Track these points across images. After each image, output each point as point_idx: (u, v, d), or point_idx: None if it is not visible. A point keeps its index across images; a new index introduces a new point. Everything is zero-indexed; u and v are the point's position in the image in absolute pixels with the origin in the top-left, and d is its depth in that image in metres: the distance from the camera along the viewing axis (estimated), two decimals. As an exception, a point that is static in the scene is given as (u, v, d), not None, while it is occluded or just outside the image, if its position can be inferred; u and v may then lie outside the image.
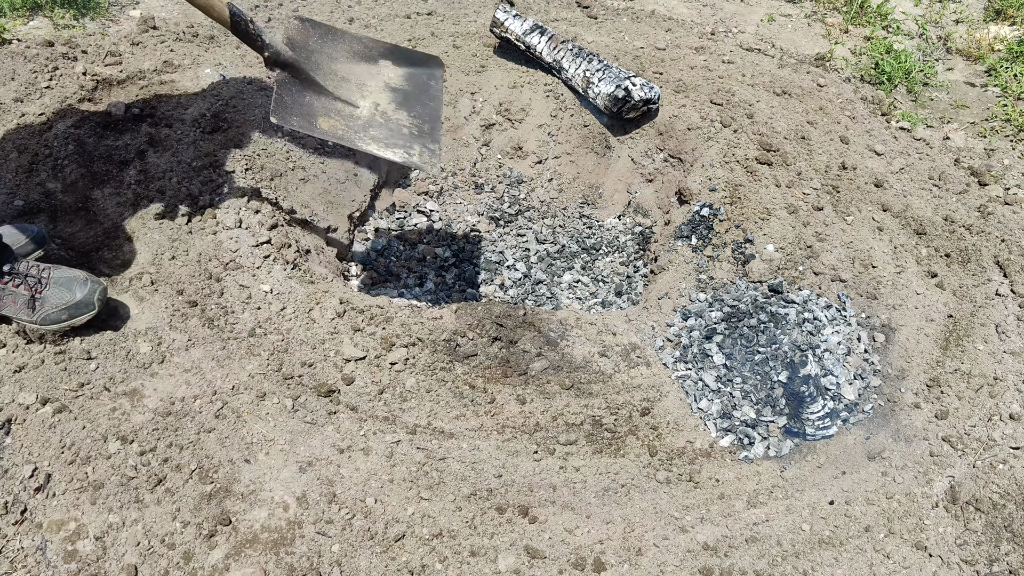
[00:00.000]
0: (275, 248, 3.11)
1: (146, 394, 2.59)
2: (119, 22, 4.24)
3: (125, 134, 3.41)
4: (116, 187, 3.21)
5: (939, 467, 2.73)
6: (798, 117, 4.09)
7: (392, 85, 3.00)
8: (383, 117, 2.91)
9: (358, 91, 2.89)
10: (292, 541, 2.30)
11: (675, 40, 4.69)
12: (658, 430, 2.78)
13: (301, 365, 2.76)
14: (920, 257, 3.43)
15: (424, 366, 2.82)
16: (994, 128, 4.26)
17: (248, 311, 2.88)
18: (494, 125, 4.32)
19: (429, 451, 2.59)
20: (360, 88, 2.90)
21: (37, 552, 2.18)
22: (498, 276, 3.89)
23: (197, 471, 2.42)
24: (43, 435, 2.42)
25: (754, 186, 3.63)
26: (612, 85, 3.91)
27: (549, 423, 2.74)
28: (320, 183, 3.69)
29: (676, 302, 3.25)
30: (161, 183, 3.24)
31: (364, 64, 2.98)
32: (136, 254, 2.99)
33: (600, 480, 2.61)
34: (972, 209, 3.66)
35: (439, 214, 4.16)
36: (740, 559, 2.43)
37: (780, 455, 2.78)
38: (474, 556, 2.34)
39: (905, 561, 2.46)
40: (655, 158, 4.10)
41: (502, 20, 4.30)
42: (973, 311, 3.22)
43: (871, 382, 2.98)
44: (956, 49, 4.95)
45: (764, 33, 4.98)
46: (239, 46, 4.15)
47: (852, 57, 4.83)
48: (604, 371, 2.92)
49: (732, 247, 3.40)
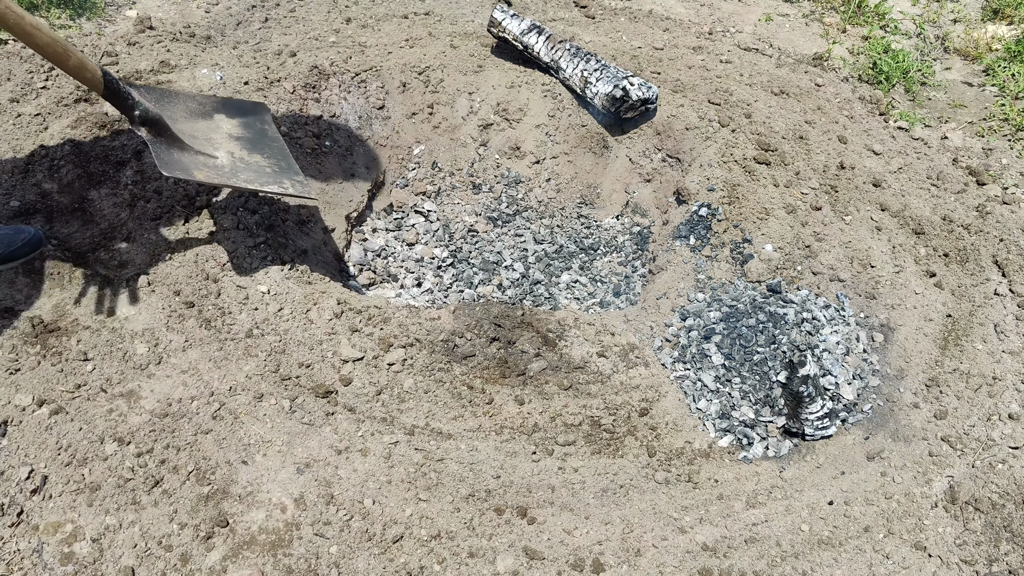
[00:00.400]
0: (272, 248, 3.10)
1: (143, 395, 2.58)
2: (115, 22, 4.22)
3: (121, 134, 3.40)
4: (112, 187, 3.20)
5: (938, 467, 2.72)
6: (796, 117, 4.09)
7: (234, 135, 3.11)
8: (243, 162, 3.01)
9: (209, 145, 2.99)
10: (290, 543, 2.29)
11: (673, 40, 4.69)
12: (657, 430, 2.78)
13: (299, 366, 2.75)
14: (919, 257, 3.42)
15: (422, 367, 2.82)
16: (992, 127, 4.26)
17: (245, 312, 2.87)
18: (492, 125, 4.31)
19: (427, 452, 2.58)
20: (209, 142, 3.00)
21: (34, 554, 2.17)
22: (496, 276, 3.88)
23: (194, 473, 2.41)
24: (39, 437, 2.41)
25: (752, 186, 3.62)
26: (610, 85, 3.90)
27: (547, 424, 2.74)
28: (317, 183, 3.68)
29: (674, 302, 3.24)
30: (158, 183, 3.22)
31: (203, 121, 3.09)
32: (133, 255, 2.98)
33: (599, 481, 2.60)
34: (970, 208, 3.66)
35: (437, 214, 4.15)
36: (739, 560, 2.42)
37: (779, 455, 2.77)
38: (473, 557, 2.33)
39: (904, 561, 2.46)
40: (653, 158, 4.09)
41: (500, 20, 4.29)
42: (972, 311, 3.21)
43: (870, 382, 2.98)
44: (954, 48, 4.95)
45: (762, 33, 4.98)
46: (236, 46, 4.15)
47: (850, 57, 4.82)
48: (602, 371, 2.91)
49: (730, 247, 3.40)
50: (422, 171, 4.26)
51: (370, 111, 4.10)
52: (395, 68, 4.19)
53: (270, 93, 3.81)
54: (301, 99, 3.87)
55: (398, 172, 4.23)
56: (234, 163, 2.97)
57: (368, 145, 4.07)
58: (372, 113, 4.10)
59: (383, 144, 4.14)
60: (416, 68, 4.22)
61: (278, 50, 4.11)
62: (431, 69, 4.24)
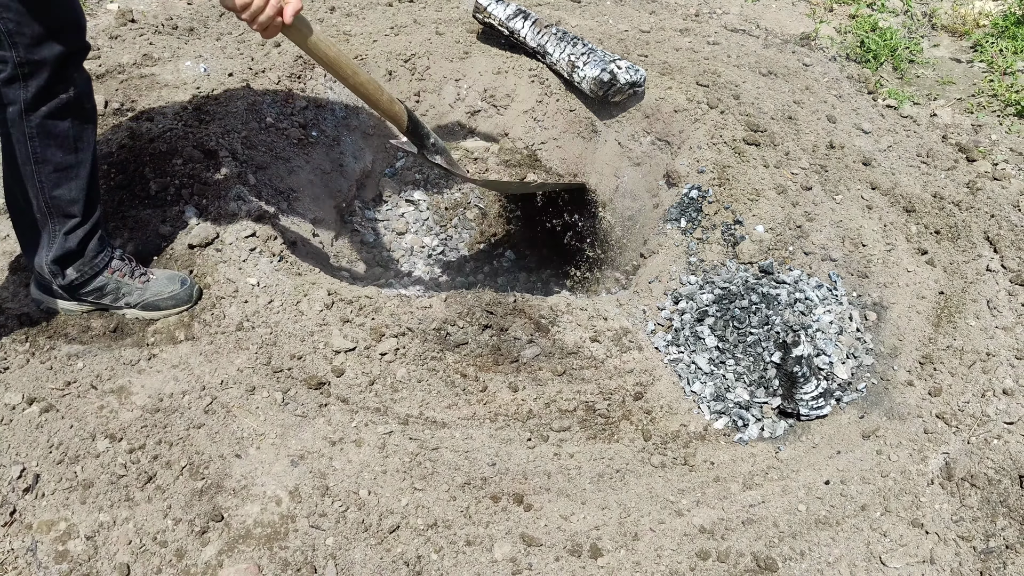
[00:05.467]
0: (261, 240, 3.08)
1: (134, 391, 2.57)
2: (96, 16, 4.18)
3: (106, 129, 3.37)
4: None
5: (934, 444, 2.73)
6: (784, 97, 4.07)
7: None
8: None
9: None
10: (285, 535, 2.28)
11: (659, 22, 4.66)
12: (652, 414, 2.77)
13: (290, 358, 2.74)
14: (910, 234, 3.42)
15: (415, 356, 2.80)
16: (981, 104, 4.26)
17: (235, 305, 2.85)
18: (479, 112, 4.29)
19: (422, 441, 2.57)
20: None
21: (28, 553, 2.16)
22: (487, 264, 3.87)
23: (188, 467, 2.40)
24: (30, 435, 2.40)
25: (742, 167, 3.61)
26: (597, 69, 3.88)
27: (542, 410, 2.73)
28: (305, 174, 3.66)
29: (667, 285, 3.23)
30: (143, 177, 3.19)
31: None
32: (121, 249, 2.95)
33: (595, 466, 2.60)
34: (961, 185, 3.65)
35: (426, 203, 4.13)
36: (737, 541, 2.42)
37: (775, 436, 2.77)
38: (470, 545, 2.32)
39: (902, 539, 2.46)
40: (642, 141, 4.08)
41: (485, 6, 4.26)
42: (964, 287, 3.21)
43: (864, 361, 2.98)
44: (941, 25, 4.94)
45: (748, 13, 4.96)
46: (219, 38, 4.11)
47: (837, 36, 4.81)
48: (596, 356, 2.90)
49: (722, 229, 3.39)
50: (410, 160, 4.24)
51: (356, 100, 4.07)
52: (380, 56, 4.16)
53: (255, 84, 3.78)
54: (286, 89, 3.84)
55: (386, 161, 4.20)
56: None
57: (355, 135, 4.04)
58: (358, 103, 4.07)
59: (370, 134, 4.11)
60: (402, 56, 4.19)
61: (262, 41, 4.07)
62: (417, 57, 4.21)
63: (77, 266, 2.60)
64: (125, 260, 2.74)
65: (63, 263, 2.58)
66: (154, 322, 2.77)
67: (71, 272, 2.60)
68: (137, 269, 2.75)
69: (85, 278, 2.64)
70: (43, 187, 2.43)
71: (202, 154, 3.31)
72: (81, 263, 2.61)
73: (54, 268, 2.57)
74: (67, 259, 2.58)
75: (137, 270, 2.75)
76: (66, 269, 2.59)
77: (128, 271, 2.72)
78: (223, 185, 3.22)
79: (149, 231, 3.04)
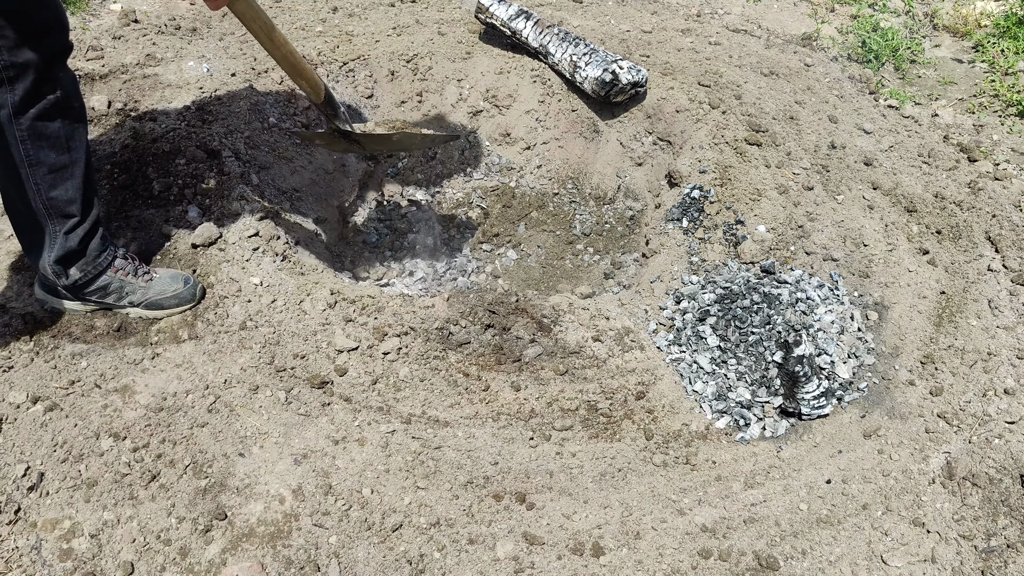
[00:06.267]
0: (264, 240, 3.09)
1: (137, 390, 2.57)
2: (100, 16, 4.19)
3: (109, 129, 3.38)
4: (101, 181, 3.17)
5: (935, 443, 2.73)
6: (786, 97, 4.08)
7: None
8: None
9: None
10: (289, 534, 2.28)
11: (661, 23, 4.67)
12: (654, 413, 2.78)
13: (293, 357, 2.75)
14: (911, 234, 3.43)
15: (417, 355, 2.81)
16: (982, 104, 4.26)
17: (238, 304, 2.86)
18: (481, 112, 4.29)
19: (424, 440, 2.58)
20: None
21: (32, 552, 2.17)
22: (490, 264, 3.87)
23: (191, 466, 2.40)
24: (35, 434, 2.41)
25: (744, 167, 3.62)
26: (599, 69, 3.88)
27: (544, 409, 2.73)
28: (308, 174, 3.66)
29: (669, 285, 3.24)
30: (147, 177, 3.20)
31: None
32: (124, 248, 2.96)
33: (597, 465, 2.60)
34: (962, 185, 3.66)
35: (428, 203, 4.13)
36: (739, 540, 2.43)
37: (776, 435, 2.77)
38: (472, 544, 2.33)
39: (903, 538, 2.46)
40: (644, 141, 4.08)
41: (487, 6, 4.27)
42: (965, 287, 3.22)
43: (865, 360, 2.98)
44: (943, 25, 4.95)
45: (750, 14, 4.96)
46: (222, 38, 4.12)
47: (839, 36, 4.82)
48: (598, 356, 2.91)
49: (723, 229, 3.39)
50: (412, 160, 4.25)
51: (359, 100, 4.08)
52: (383, 56, 4.17)
53: (258, 84, 3.79)
54: (289, 89, 3.85)
55: (389, 162, 4.21)
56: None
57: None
58: (361, 102, 4.08)
59: (373, 133, 4.11)
60: (404, 56, 4.20)
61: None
62: (419, 57, 4.22)
63: (80, 265, 2.61)
64: (128, 259, 2.75)
65: (66, 263, 2.59)
66: (158, 321, 2.78)
67: (75, 272, 2.61)
68: (140, 268, 2.76)
69: (88, 278, 2.64)
70: (39, 189, 2.43)
71: (205, 154, 3.32)
72: (84, 262, 2.61)
73: (57, 268, 2.58)
74: (69, 259, 2.59)
75: (140, 269, 2.76)
76: (69, 269, 2.60)
77: (131, 270, 2.73)
78: (226, 185, 3.23)
79: (152, 231, 3.06)
